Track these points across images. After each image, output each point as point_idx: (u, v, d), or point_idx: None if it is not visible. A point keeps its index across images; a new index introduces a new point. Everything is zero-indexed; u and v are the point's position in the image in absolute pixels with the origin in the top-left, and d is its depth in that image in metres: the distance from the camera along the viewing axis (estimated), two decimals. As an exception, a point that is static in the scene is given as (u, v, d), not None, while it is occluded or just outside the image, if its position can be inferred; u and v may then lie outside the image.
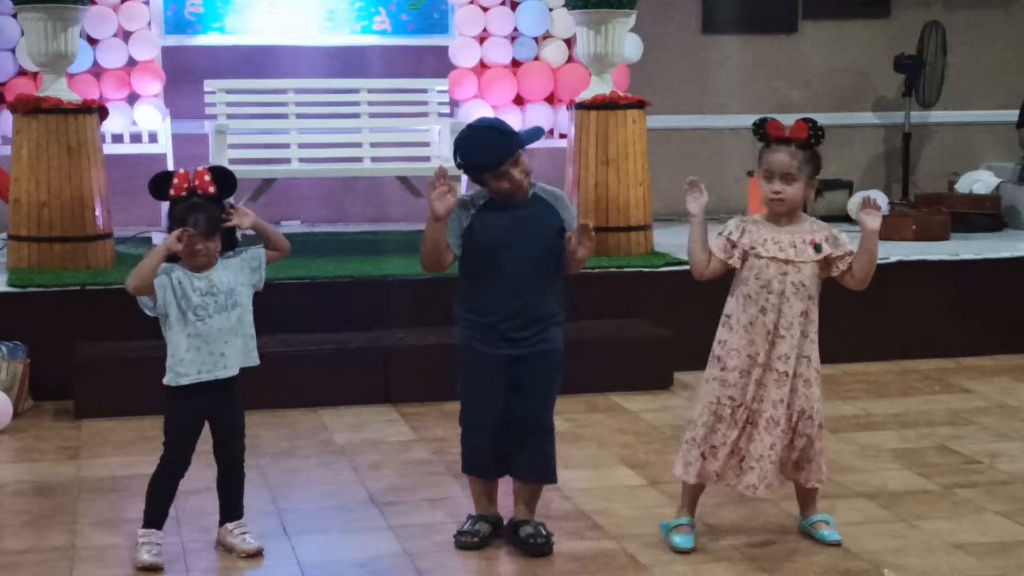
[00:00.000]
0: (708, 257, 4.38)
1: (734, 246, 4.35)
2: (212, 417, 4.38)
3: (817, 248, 4.32)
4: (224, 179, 4.25)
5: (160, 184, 4.24)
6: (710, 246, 4.41)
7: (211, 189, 4.22)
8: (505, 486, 4.58)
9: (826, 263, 4.34)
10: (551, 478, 4.51)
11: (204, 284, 4.26)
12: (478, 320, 4.33)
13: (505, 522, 4.54)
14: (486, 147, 4.29)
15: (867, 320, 7.45)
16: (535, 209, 4.34)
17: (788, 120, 4.40)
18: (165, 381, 4.29)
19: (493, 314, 4.30)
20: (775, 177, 4.28)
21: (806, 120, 4.31)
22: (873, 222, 4.31)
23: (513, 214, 4.29)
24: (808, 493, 4.53)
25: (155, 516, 4.37)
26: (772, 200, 4.30)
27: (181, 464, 4.35)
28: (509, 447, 4.43)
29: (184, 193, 4.21)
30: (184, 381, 4.26)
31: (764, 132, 4.32)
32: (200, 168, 4.27)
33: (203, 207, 4.23)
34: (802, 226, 4.36)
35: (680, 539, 4.45)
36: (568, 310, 4.48)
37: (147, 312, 4.28)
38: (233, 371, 4.33)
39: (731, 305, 4.41)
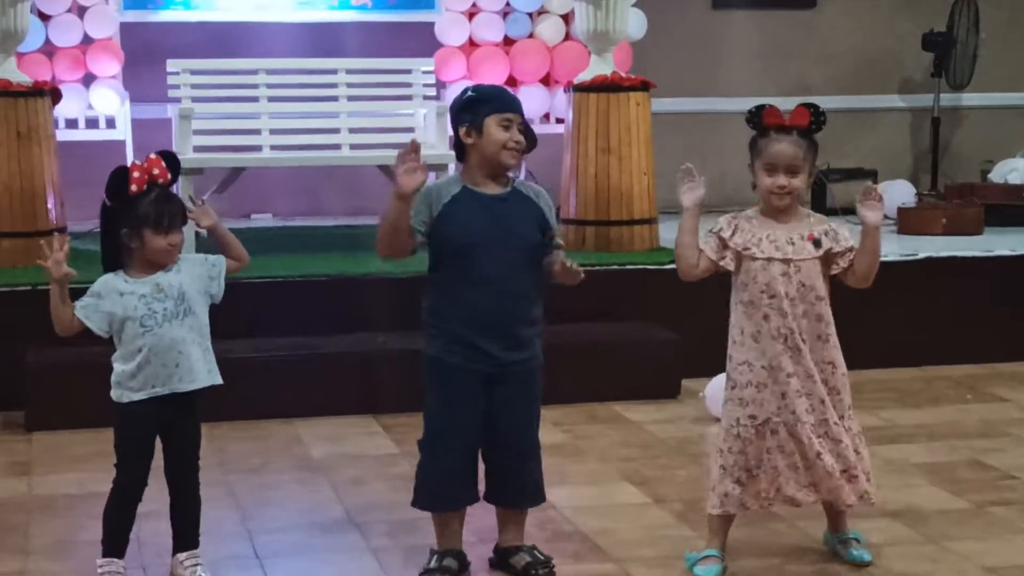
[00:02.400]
0: (699, 256, 4.37)
1: (726, 246, 4.34)
2: (165, 432, 4.32)
3: (816, 244, 4.32)
4: (173, 164, 4.25)
5: (121, 182, 4.16)
6: (701, 245, 4.40)
7: (167, 176, 4.22)
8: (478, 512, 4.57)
9: (826, 260, 4.35)
10: (543, 498, 4.50)
11: (151, 289, 4.20)
12: (451, 330, 4.25)
13: (491, 550, 4.54)
14: (505, 92, 4.40)
15: (892, 322, 7.47)
16: (513, 202, 4.27)
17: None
18: (114, 397, 4.26)
19: (468, 324, 4.21)
20: (779, 170, 4.28)
21: (806, 105, 4.31)
22: (874, 216, 4.32)
23: (489, 206, 4.22)
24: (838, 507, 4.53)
25: (114, 544, 4.34)
26: (775, 194, 4.30)
27: (136, 486, 4.30)
28: (491, 472, 4.39)
29: (144, 187, 4.19)
30: (136, 397, 4.22)
31: (760, 120, 4.32)
32: (151, 156, 4.23)
33: (171, 198, 4.21)
34: (799, 221, 4.36)
35: (703, 570, 4.43)
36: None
37: (102, 336, 4.26)
38: (192, 385, 4.25)
39: (734, 317, 4.42)
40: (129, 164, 4.24)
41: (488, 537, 4.61)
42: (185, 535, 4.42)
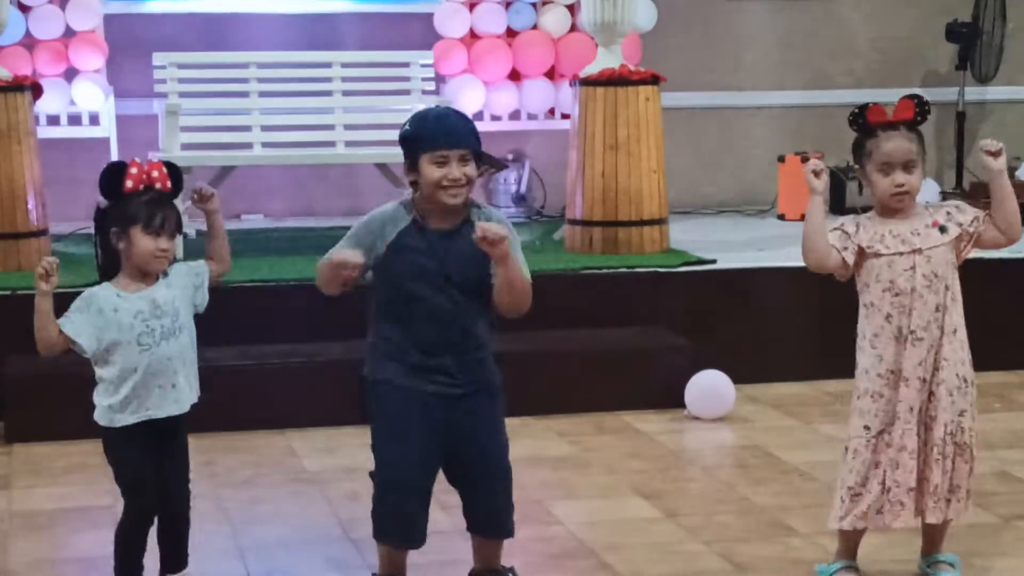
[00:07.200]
0: (828, 244, 4.32)
1: (849, 238, 4.32)
2: (154, 452, 4.26)
3: (942, 229, 4.33)
4: (176, 176, 4.22)
5: (115, 177, 4.14)
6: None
7: (168, 185, 4.19)
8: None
9: (958, 240, 4.34)
10: (513, 531, 4.42)
11: (147, 305, 4.16)
12: (406, 355, 4.24)
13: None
14: (444, 120, 4.23)
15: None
16: (460, 238, 4.17)
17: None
18: (101, 422, 4.20)
19: (423, 351, 4.21)
20: (896, 168, 4.28)
21: (909, 96, 4.34)
22: (997, 162, 4.32)
23: (433, 244, 4.16)
24: (937, 526, 4.50)
25: (130, 572, 4.29)
26: (896, 195, 4.28)
27: (149, 509, 4.25)
28: (465, 500, 4.35)
29: (140, 188, 4.18)
30: (130, 421, 4.17)
31: (864, 119, 4.31)
32: (152, 161, 4.23)
33: (167, 203, 4.17)
34: (918, 214, 4.36)
35: None
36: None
37: (84, 355, 4.18)
38: (185, 407, 4.24)
39: (860, 322, 4.39)
40: (128, 162, 4.18)
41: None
42: (175, 556, 4.39)
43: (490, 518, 4.36)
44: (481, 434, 4.29)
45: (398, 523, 4.30)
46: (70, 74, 8.64)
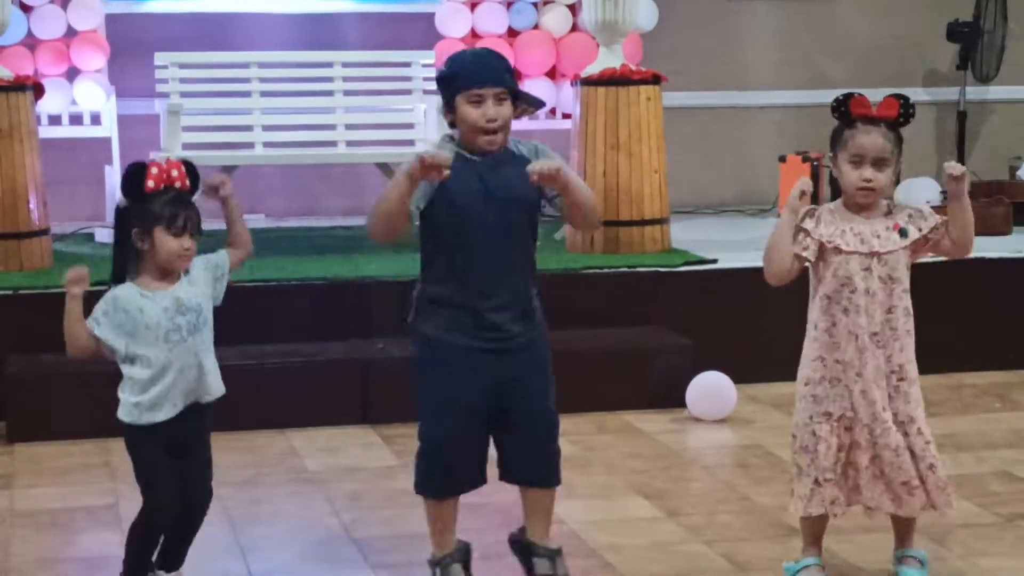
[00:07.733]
0: (792, 257, 4.36)
1: (808, 235, 4.34)
2: (178, 450, 4.27)
3: (903, 233, 4.35)
4: (194, 175, 4.24)
5: (137, 177, 4.13)
6: None
7: (187, 183, 4.20)
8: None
9: (914, 247, 4.37)
10: (559, 480, 4.50)
11: (172, 303, 4.17)
12: (450, 305, 4.21)
13: (515, 532, 4.55)
14: (480, 59, 4.29)
15: (916, 327, 7.45)
16: (507, 164, 4.22)
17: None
18: (125, 419, 4.19)
19: (470, 296, 4.18)
20: (866, 163, 4.29)
21: (895, 96, 4.34)
22: (957, 187, 4.32)
23: (482, 173, 4.17)
24: (906, 521, 4.52)
25: (140, 566, 4.29)
26: (861, 190, 4.30)
27: (168, 507, 4.24)
28: (510, 451, 4.37)
29: (161, 187, 4.17)
30: (159, 418, 4.16)
31: (847, 110, 4.33)
32: (171, 159, 4.23)
33: (189, 202, 4.19)
34: (881, 211, 4.38)
35: None
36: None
37: (113, 354, 4.17)
38: (214, 394, 4.28)
39: (811, 312, 4.42)
40: (148, 162, 4.19)
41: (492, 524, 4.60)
42: (176, 553, 4.38)
43: (534, 464, 4.39)
44: (535, 387, 4.34)
45: (452, 477, 4.31)
46: (72, 74, 8.65)
